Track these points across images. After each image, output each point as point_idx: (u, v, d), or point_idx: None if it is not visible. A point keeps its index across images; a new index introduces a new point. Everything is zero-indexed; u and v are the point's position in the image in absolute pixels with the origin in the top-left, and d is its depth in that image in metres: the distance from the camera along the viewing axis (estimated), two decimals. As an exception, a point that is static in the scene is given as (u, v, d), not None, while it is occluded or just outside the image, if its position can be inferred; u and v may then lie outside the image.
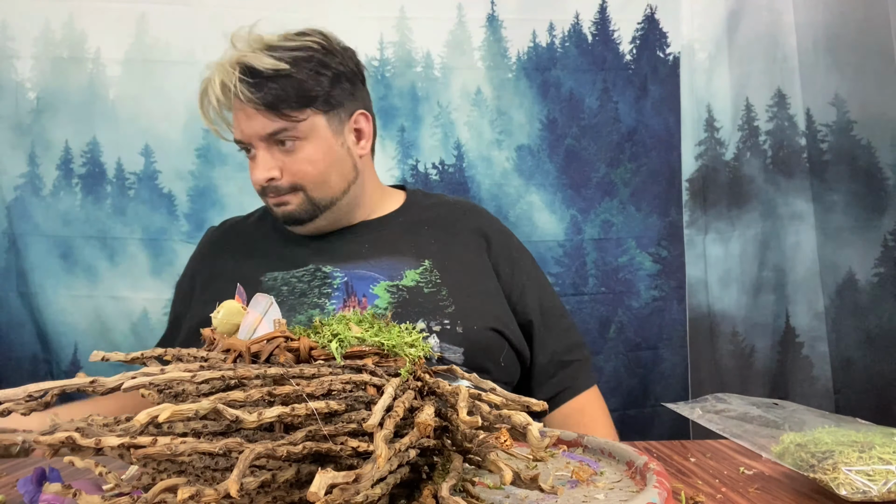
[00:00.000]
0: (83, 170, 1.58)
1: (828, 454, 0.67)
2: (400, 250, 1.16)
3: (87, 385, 0.46)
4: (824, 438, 0.71)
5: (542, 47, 1.69)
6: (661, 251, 1.69)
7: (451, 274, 1.14)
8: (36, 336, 1.56)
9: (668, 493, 0.52)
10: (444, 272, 1.13)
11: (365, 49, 1.67)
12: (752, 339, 1.68)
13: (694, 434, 1.57)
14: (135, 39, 1.59)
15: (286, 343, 0.52)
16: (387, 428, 0.45)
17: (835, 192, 1.67)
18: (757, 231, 1.69)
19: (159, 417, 0.40)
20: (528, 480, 0.49)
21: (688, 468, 0.80)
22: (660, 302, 1.68)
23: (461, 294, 1.12)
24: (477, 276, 1.17)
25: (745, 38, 1.70)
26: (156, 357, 0.56)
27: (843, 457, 0.66)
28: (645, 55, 1.70)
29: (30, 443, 0.43)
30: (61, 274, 1.55)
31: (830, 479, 0.64)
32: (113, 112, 1.58)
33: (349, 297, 1.10)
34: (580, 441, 0.73)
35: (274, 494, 0.46)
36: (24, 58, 1.56)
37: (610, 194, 1.69)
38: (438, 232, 1.21)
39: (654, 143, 1.70)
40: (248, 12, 1.61)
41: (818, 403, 1.64)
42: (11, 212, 1.55)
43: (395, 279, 1.12)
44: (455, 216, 1.25)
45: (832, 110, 1.68)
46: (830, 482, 0.64)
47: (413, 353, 0.54)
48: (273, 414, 0.44)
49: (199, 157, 1.61)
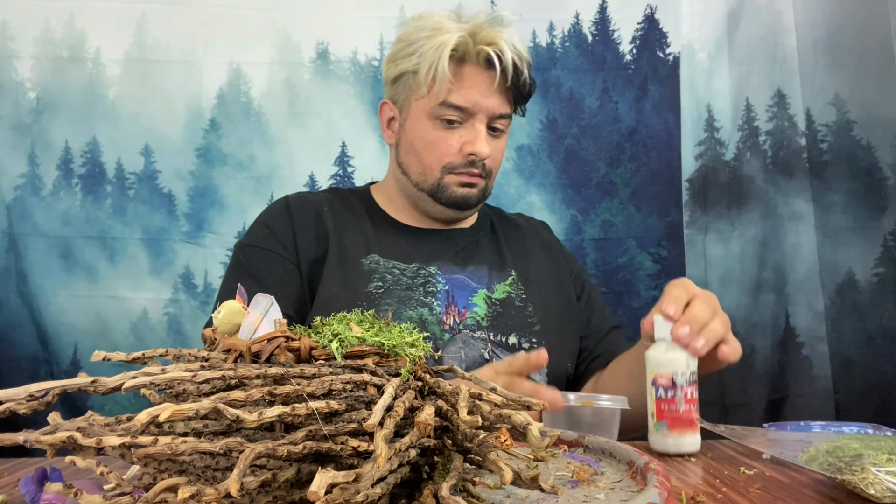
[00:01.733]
0: (83, 170, 1.58)
1: (857, 457, 0.67)
2: (487, 260, 1.18)
3: (88, 385, 0.46)
4: (853, 444, 0.71)
5: (542, 47, 1.69)
6: (661, 251, 1.69)
7: (533, 288, 1.17)
8: (36, 336, 1.56)
9: (668, 494, 0.52)
10: (527, 285, 1.17)
11: (365, 49, 1.67)
12: (752, 339, 1.68)
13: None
14: (135, 39, 1.59)
15: (287, 343, 0.52)
16: (387, 427, 0.45)
17: (835, 192, 1.67)
18: (757, 231, 1.69)
19: (160, 417, 0.40)
20: (529, 480, 0.49)
21: (688, 468, 0.80)
22: (660, 302, 1.68)
23: (545, 311, 1.16)
24: (554, 291, 1.20)
25: (745, 38, 1.70)
26: (157, 356, 0.56)
27: (873, 459, 0.66)
28: (645, 55, 1.70)
29: (31, 442, 0.43)
30: (61, 274, 1.55)
31: (860, 479, 0.64)
32: (113, 112, 1.58)
33: (450, 304, 1.11)
34: (581, 441, 0.73)
35: (274, 494, 0.46)
36: (24, 58, 1.56)
37: (610, 194, 1.69)
38: (515, 244, 1.24)
39: (654, 143, 1.70)
40: (248, 12, 1.63)
41: (818, 403, 1.64)
42: (11, 212, 1.55)
43: (490, 290, 1.14)
44: (526, 229, 1.28)
45: (832, 110, 1.68)
46: (860, 482, 0.64)
47: (414, 353, 0.54)
48: (273, 413, 0.44)
49: (199, 157, 1.61)
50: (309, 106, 1.65)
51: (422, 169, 1.13)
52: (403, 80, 1.12)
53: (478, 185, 1.12)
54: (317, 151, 1.65)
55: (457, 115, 1.09)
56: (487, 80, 1.08)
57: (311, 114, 1.65)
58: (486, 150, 1.09)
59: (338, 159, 1.65)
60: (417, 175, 1.14)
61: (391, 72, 1.14)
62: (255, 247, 1.13)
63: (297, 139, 1.64)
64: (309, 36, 1.65)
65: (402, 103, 1.15)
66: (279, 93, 1.64)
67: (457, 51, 1.07)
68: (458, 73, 1.08)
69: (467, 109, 1.09)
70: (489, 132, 1.11)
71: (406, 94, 1.13)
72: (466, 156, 1.10)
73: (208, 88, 1.61)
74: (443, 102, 1.08)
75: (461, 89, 1.08)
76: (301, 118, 1.64)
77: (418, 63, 1.08)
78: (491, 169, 1.13)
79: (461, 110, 1.09)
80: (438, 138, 1.10)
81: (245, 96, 1.63)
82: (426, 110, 1.10)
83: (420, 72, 1.08)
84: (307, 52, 1.65)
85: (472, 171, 1.11)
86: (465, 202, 1.13)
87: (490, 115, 1.10)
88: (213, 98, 1.62)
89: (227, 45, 1.62)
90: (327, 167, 1.64)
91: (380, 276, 1.10)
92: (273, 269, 1.10)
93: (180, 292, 1.59)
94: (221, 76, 1.62)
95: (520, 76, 1.09)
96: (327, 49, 1.65)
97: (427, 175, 1.13)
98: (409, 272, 1.12)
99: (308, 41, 1.65)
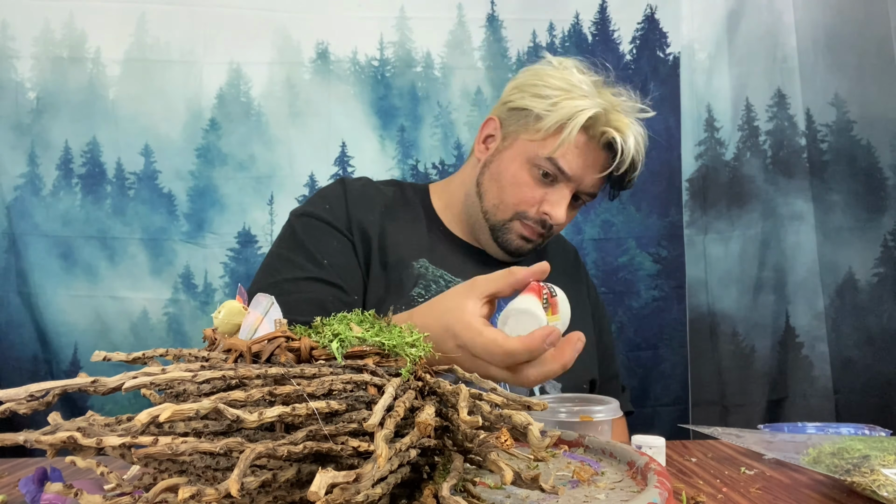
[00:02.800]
0: (83, 170, 1.58)
1: (863, 459, 0.67)
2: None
3: (88, 385, 0.46)
4: (856, 445, 0.71)
5: (542, 47, 1.69)
6: (661, 251, 1.69)
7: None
8: (36, 336, 1.55)
9: (669, 494, 0.52)
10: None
11: (365, 49, 1.67)
12: (752, 339, 1.68)
13: (694, 434, 1.57)
14: (135, 39, 1.59)
15: (287, 343, 0.52)
16: (387, 427, 0.45)
17: (834, 192, 1.67)
18: (757, 231, 1.69)
19: (160, 417, 0.40)
20: (529, 480, 0.49)
21: (689, 468, 0.80)
22: (660, 302, 1.68)
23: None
24: (577, 310, 1.19)
25: (745, 38, 1.70)
26: (158, 356, 0.56)
27: (881, 460, 0.66)
28: (645, 55, 1.70)
29: (31, 442, 0.43)
30: (61, 274, 1.55)
31: (870, 481, 0.64)
32: (113, 112, 1.58)
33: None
34: (581, 441, 0.73)
35: (275, 494, 0.46)
36: (24, 58, 1.56)
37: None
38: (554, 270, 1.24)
39: (654, 143, 1.69)
40: (248, 12, 1.62)
41: (818, 403, 1.64)
42: (11, 212, 1.55)
43: None
44: (556, 247, 1.28)
45: (832, 110, 1.68)
46: (870, 484, 0.64)
47: (414, 353, 0.54)
48: (274, 414, 0.44)
49: (199, 157, 1.61)
50: (309, 106, 1.65)
51: (498, 202, 1.12)
52: (524, 114, 1.11)
53: (536, 241, 1.14)
54: (317, 151, 1.64)
55: (554, 173, 1.09)
56: (599, 159, 1.09)
57: (311, 114, 1.65)
58: (562, 218, 1.10)
59: (338, 159, 1.65)
60: (491, 206, 1.13)
61: (515, 99, 1.13)
62: (313, 217, 1.11)
63: (297, 139, 1.64)
64: (309, 36, 1.65)
65: (510, 132, 1.13)
66: (279, 93, 1.64)
67: (589, 121, 1.06)
68: (577, 139, 1.07)
69: (567, 174, 1.08)
70: (571, 200, 1.11)
71: (517, 128, 1.12)
72: (542, 213, 1.10)
73: (208, 88, 1.61)
74: (550, 158, 1.07)
75: (573, 156, 1.08)
76: (301, 118, 1.64)
77: (548, 111, 1.07)
78: (554, 233, 1.15)
79: (561, 173, 1.08)
80: (526, 184, 1.10)
81: (245, 96, 1.63)
82: (530, 154, 1.09)
83: (546, 119, 1.07)
84: (307, 52, 1.65)
85: (538, 230, 1.11)
86: (518, 253, 1.14)
87: (580, 186, 1.10)
88: (213, 98, 1.61)
89: (227, 45, 1.61)
90: (327, 167, 1.64)
91: (426, 282, 1.09)
92: (328, 241, 1.09)
93: (180, 292, 1.58)
94: (221, 76, 1.62)
95: (629, 171, 1.09)
96: (327, 49, 1.65)
97: (499, 211, 1.12)
98: (454, 285, 1.11)
99: (308, 41, 1.65)
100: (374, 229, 1.11)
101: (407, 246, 1.12)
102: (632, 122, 1.08)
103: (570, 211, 1.14)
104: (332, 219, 1.10)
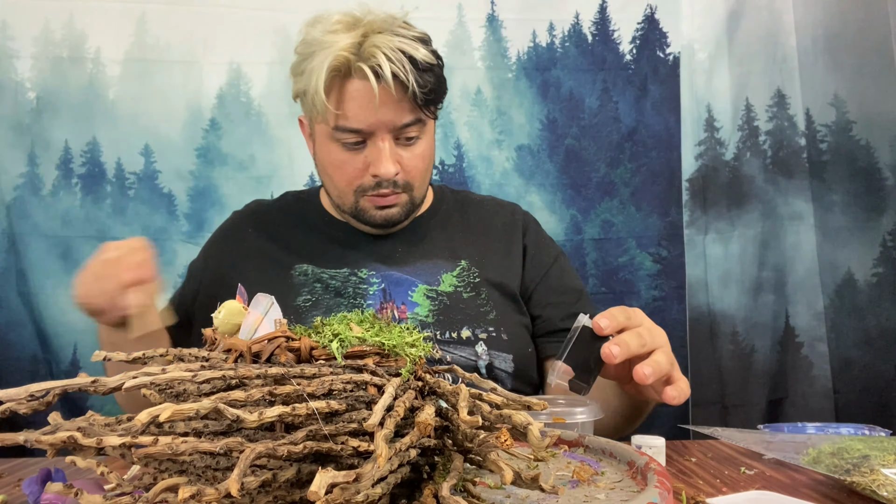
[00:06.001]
0: (83, 170, 1.58)
1: (863, 459, 0.67)
2: (434, 251, 1.13)
3: (88, 385, 0.46)
4: (856, 445, 0.71)
5: (542, 47, 1.69)
6: (661, 251, 1.69)
7: (488, 273, 1.11)
8: (36, 336, 1.55)
9: (669, 494, 0.52)
10: (482, 270, 1.11)
11: (365, 49, 1.66)
12: (752, 339, 1.68)
13: (694, 434, 1.57)
14: (135, 39, 1.59)
15: (287, 343, 0.52)
16: (387, 427, 0.45)
17: (834, 192, 1.67)
18: (757, 231, 1.69)
19: (160, 417, 0.40)
20: (529, 480, 0.49)
21: (689, 468, 0.80)
22: (660, 302, 1.69)
23: (502, 297, 1.10)
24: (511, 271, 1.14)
25: (745, 38, 1.70)
26: (158, 355, 0.56)
27: (881, 460, 0.66)
28: (645, 55, 1.70)
29: (32, 442, 0.43)
30: (61, 274, 1.55)
31: (870, 481, 0.64)
32: (113, 112, 1.58)
33: (386, 302, 1.07)
34: (581, 441, 0.73)
35: (275, 494, 0.46)
36: (24, 58, 1.56)
37: (610, 194, 1.69)
38: (472, 229, 1.18)
39: (654, 143, 1.70)
40: (248, 12, 1.62)
41: (818, 403, 1.64)
42: (11, 212, 1.55)
43: (432, 284, 1.09)
44: (489, 212, 1.22)
45: (831, 110, 1.68)
46: (870, 484, 0.64)
47: (414, 352, 0.54)
48: (274, 413, 0.44)
49: (199, 157, 1.61)
50: (309, 106, 1.64)
51: (337, 192, 1.09)
52: (303, 99, 1.05)
53: (398, 202, 1.07)
54: (317, 151, 1.64)
55: (355, 137, 1.02)
56: (384, 94, 0.98)
57: (311, 114, 1.64)
58: (390, 170, 1.02)
59: (338, 159, 1.65)
60: (336, 196, 1.10)
61: (293, 88, 1.07)
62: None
63: (297, 139, 1.62)
64: (309, 36, 1.65)
65: (309, 121, 1.09)
66: (279, 93, 1.63)
67: (339, 70, 0.98)
68: (344, 92, 0.99)
69: (362, 130, 1.01)
70: (402, 143, 1.04)
71: (308, 114, 1.07)
72: (373, 177, 1.04)
73: (208, 88, 1.61)
74: (337, 126, 1.01)
75: (350, 109, 1.00)
76: (301, 118, 1.64)
77: (307, 85, 1.00)
78: (408, 181, 1.06)
79: (357, 132, 1.01)
80: (344, 161, 1.04)
81: (245, 96, 1.63)
82: (327, 133, 1.04)
83: (309, 94, 1.00)
84: (307, 52, 1.64)
85: (381, 193, 1.05)
86: (388, 223, 1.09)
87: (392, 128, 1.02)
88: (213, 98, 1.61)
89: (227, 45, 1.61)
90: (327, 167, 1.64)
91: (308, 286, 1.07)
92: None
93: (180, 292, 1.58)
94: (221, 76, 1.62)
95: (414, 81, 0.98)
96: (327, 49, 1.65)
97: (343, 198, 1.08)
98: (339, 277, 1.09)
99: (308, 41, 1.64)
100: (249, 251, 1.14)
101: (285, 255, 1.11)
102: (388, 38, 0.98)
103: (410, 150, 1.04)
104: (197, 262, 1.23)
